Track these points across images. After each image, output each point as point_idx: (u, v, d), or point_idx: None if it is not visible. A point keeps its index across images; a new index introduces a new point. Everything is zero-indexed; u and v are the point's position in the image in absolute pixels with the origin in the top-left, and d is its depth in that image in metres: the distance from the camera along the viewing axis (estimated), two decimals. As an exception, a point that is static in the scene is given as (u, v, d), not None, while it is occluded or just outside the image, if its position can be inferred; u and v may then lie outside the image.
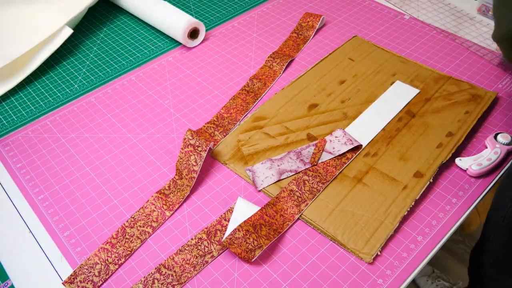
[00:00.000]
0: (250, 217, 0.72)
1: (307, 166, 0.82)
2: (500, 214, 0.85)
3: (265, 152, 0.86)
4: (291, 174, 0.81)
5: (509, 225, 0.84)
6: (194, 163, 0.80)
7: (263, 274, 0.69)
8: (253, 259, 0.69)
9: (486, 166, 0.80)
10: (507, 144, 0.83)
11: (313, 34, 1.13)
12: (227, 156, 0.86)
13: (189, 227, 0.76)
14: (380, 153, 0.84)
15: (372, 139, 0.86)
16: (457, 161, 0.82)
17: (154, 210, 0.77)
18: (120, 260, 0.71)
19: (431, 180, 0.79)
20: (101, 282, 0.69)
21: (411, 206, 0.76)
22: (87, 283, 0.69)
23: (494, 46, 1.08)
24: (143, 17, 1.19)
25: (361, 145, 0.84)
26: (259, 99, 0.98)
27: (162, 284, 0.68)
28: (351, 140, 0.83)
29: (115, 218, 0.77)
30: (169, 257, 0.71)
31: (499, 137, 0.84)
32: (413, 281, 0.72)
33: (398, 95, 0.94)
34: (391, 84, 0.97)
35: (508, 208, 0.83)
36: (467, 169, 0.81)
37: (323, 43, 1.12)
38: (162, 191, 0.80)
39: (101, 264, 0.71)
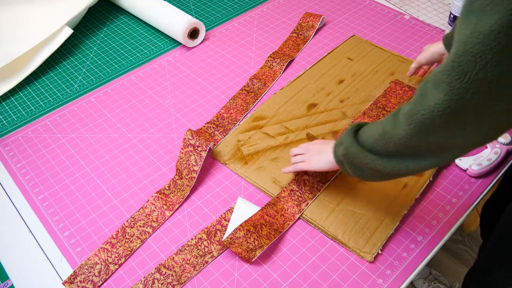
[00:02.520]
0: (251, 217, 0.72)
1: None
2: None
3: (264, 152, 0.86)
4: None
5: None
6: (194, 163, 0.80)
7: (263, 274, 0.69)
8: (254, 259, 0.69)
9: (486, 166, 0.80)
10: (507, 144, 0.83)
11: (313, 34, 1.13)
12: (227, 156, 0.86)
13: (189, 227, 0.76)
14: (380, 153, 0.84)
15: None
16: (457, 161, 0.82)
17: (154, 210, 0.77)
18: (120, 260, 0.71)
19: (431, 179, 0.79)
20: (101, 282, 0.69)
21: (411, 205, 0.76)
22: (87, 283, 0.69)
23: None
24: (143, 17, 1.19)
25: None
26: (259, 99, 0.98)
27: (162, 284, 0.68)
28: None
29: (115, 218, 0.77)
30: (169, 257, 0.71)
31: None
32: (410, 283, 0.71)
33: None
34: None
35: None
36: (467, 169, 0.81)
37: (323, 43, 1.12)
38: (162, 191, 0.80)
39: (101, 264, 0.71)
